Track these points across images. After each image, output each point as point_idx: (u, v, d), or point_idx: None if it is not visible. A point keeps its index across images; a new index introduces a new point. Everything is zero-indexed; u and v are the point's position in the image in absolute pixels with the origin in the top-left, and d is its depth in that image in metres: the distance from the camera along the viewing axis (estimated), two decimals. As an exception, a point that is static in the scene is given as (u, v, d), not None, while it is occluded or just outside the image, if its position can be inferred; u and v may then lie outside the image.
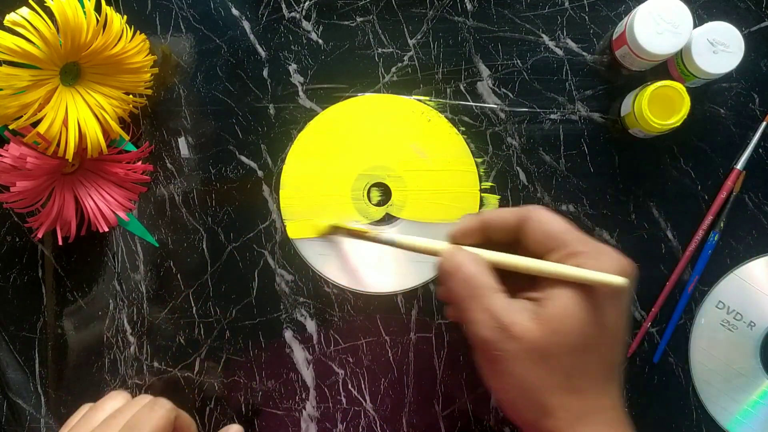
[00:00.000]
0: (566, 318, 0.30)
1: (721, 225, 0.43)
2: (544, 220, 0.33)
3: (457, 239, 0.35)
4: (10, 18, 0.34)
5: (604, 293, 0.31)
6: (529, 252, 0.33)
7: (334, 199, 0.45)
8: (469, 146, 0.45)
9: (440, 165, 0.45)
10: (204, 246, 0.46)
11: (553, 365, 0.30)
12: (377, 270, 0.44)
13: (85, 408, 0.39)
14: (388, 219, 0.45)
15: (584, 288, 0.30)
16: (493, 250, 0.34)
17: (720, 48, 0.40)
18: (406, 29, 0.45)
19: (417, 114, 0.45)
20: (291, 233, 0.45)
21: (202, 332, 0.45)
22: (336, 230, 0.42)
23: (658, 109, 0.40)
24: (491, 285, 0.32)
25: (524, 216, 0.33)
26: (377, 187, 0.45)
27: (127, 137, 0.43)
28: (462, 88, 0.45)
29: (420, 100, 0.45)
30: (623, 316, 0.32)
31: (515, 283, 0.33)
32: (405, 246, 0.37)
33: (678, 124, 0.40)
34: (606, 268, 0.30)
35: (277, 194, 0.45)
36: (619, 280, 0.30)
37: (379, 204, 0.45)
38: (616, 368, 0.32)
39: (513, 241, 0.34)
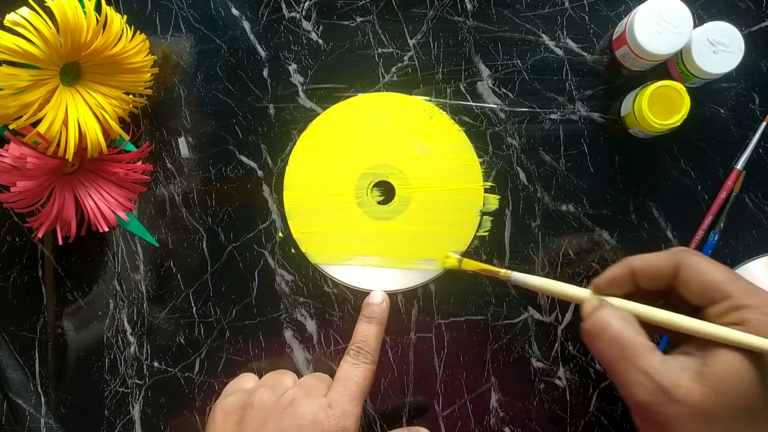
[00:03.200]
0: (732, 379, 0.28)
1: (721, 225, 0.43)
2: (701, 268, 0.30)
3: (602, 289, 0.33)
4: (10, 18, 0.34)
5: None
6: (684, 301, 0.31)
7: (339, 198, 0.45)
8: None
9: (443, 161, 0.45)
10: (204, 246, 0.46)
11: (723, 428, 0.28)
12: (378, 269, 0.44)
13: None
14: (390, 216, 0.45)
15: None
16: (643, 298, 0.32)
17: (720, 48, 0.40)
18: (406, 29, 0.45)
19: (419, 111, 0.45)
20: (296, 233, 0.45)
21: (202, 332, 0.45)
22: (464, 265, 0.41)
23: (658, 109, 0.40)
24: (644, 343, 0.30)
25: (677, 263, 0.31)
26: (378, 187, 0.45)
27: (127, 137, 0.43)
28: (462, 88, 0.45)
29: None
30: None
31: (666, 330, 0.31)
32: (539, 289, 0.36)
33: (678, 124, 0.40)
34: None
35: (278, 194, 0.45)
36: None
37: (382, 202, 0.45)
38: None
39: (665, 289, 0.32)
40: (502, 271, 0.38)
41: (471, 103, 0.45)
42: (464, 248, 0.44)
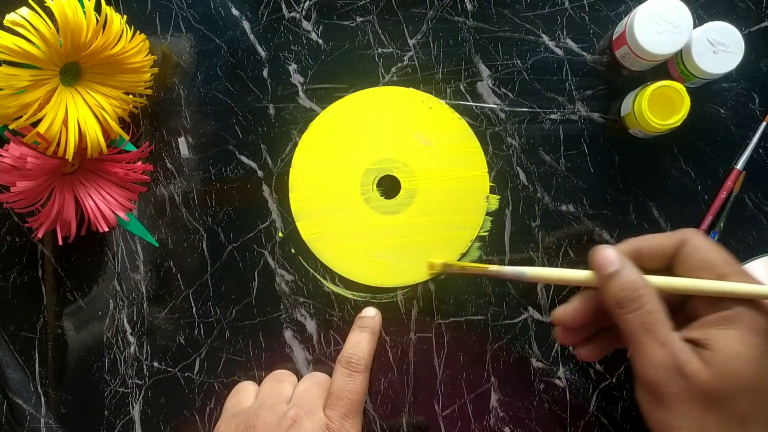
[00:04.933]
0: (736, 358, 0.29)
1: (721, 225, 0.43)
2: (702, 247, 0.31)
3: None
4: (10, 18, 0.34)
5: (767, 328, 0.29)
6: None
7: (345, 196, 0.45)
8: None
9: (446, 150, 0.45)
10: (204, 246, 0.46)
11: (729, 410, 0.28)
12: (390, 263, 0.45)
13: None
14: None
15: (749, 327, 0.29)
16: None
17: (720, 48, 0.40)
18: (406, 29, 0.45)
19: (417, 103, 0.45)
20: (305, 234, 0.45)
21: (202, 332, 0.45)
22: (450, 268, 0.41)
23: (658, 109, 0.40)
24: (665, 317, 0.30)
25: (682, 240, 0.32)
26: (380, 186, 0.45)
27: (127, 137, 0.43)
28: (462, 88, 0.45)
29: (420, 100, 0.45)
30: None
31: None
32: (538, 278, 0.36)
33: (678, 124, 0.40)
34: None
35: (278, 194, 0.45)
36: None
37: (388, 196, 0.45)
38: None
39: (664, 269, 0.32)
40: (492, 267, 0.37)
41: (471, 103, 0.45)
42: (474, 235, 0.44)
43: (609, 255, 0.32)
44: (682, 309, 0.33)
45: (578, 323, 0.35)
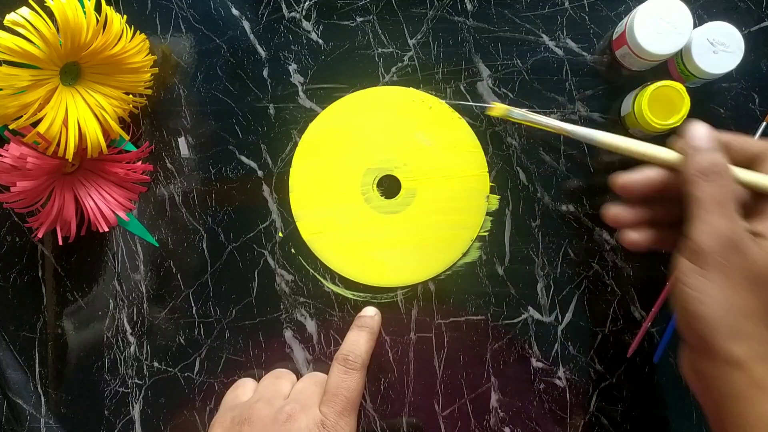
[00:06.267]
0: None
1: (721, 225, 0.43)
2: None
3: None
4: (10, 18, 0.34)
5: None
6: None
7: (345, 196, 0.45)
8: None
9: (446, 150, 0.45)
10: (204, 246, 0.46)
11: (765, 294, 0.30)
12: (391, 263, 0.45)
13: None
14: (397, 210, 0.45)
15: None
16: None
17: (720, 48, 0.40)
18: (406, 29, 0.45)
19: (417, 102, 0.45)
20: (305, 234, 0.45)
21: (202, 332, 0.45)
22: (511, 113, 0.41)
23: (658, 109, 0.40)
24: (737, 203, 0.31)
25: (766, 149, 0.33)
26: (379, 186, 0.45)
27: (127, 137, 0.43)
28: (462, 88, 0.45)
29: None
30: None
31: None
32: (609, 146, 0.36)
33: (678, 124, 0.40)
34: None
35: (278, 194, 0.45)
36: None
37: (388, 196, 0.45)
38: None
39: (746, 167, 0.34)
40: (557, 122, 0.38)
41: (471, 103, 0.45)
42: (474, 235, 0.44)
43: (703, 133, 0.33)
44: (753, 209, 0.34)
45: (643, 191, 0.35)
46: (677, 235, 0.34)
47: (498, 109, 0.42)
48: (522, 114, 0.42)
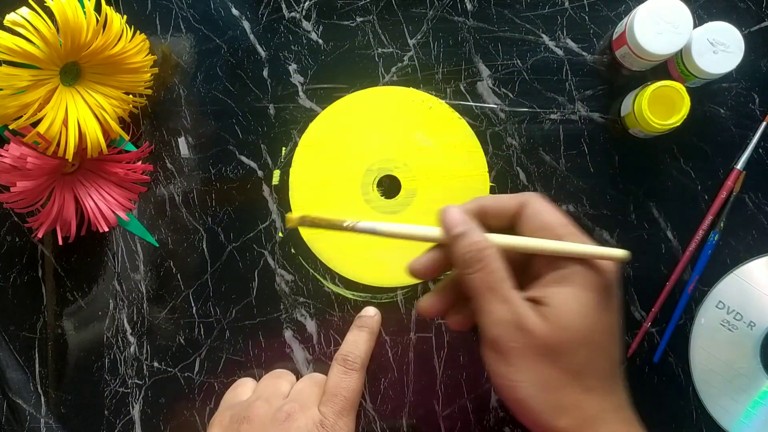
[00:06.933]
0: (570, 314, 0.30)
1: (721, 225, 0.43)
2: (541, 209, 0.32)
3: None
4: (10, 18, 0.34)
5: (598, 286, 0.31)
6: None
7: (345, 196, 0.45)
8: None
9: (446, 150, 0.45)
10: (204, 246, 0.46)
11: (565, 362, 0.30)
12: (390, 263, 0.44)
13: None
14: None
15: (581, 285, 0.31)
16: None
17: (720, 48, 0.40)
18: (406, 29, 0.45)
19: (417, 102, 0.45)
20: (306, 234, 0.45)
21: (202, 332, 0.45)
22: (305, 221, 0.37)
23: (658, 109, 0.40)
24: (508, 279, 0.31)
25: (523, 202, 0.33)
26: (379, 186, 0.45)
27: (127, 137, 0.43)
28: (462, 88, 0.45)
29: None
30: (616, 311, 0.32)
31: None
32: (389, 234, 0.35)
33: (678, 124, 0.40)
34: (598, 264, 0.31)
35: (278, 194, 0.45)
36: (621, 252, 0.31)
37: (388, 196, 0.45)
38: (619, 366, 0.32)
39: (507, 228, 0.33)
40: (346, 222, 0.36)
41: (471, 103, 0.45)
42: None
43: (455, 216, 0.33)
44: (527, 270, 0.33)
45: (434, 272, 0.35)
46: None
47: (293, 221, 0.37)
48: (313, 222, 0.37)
